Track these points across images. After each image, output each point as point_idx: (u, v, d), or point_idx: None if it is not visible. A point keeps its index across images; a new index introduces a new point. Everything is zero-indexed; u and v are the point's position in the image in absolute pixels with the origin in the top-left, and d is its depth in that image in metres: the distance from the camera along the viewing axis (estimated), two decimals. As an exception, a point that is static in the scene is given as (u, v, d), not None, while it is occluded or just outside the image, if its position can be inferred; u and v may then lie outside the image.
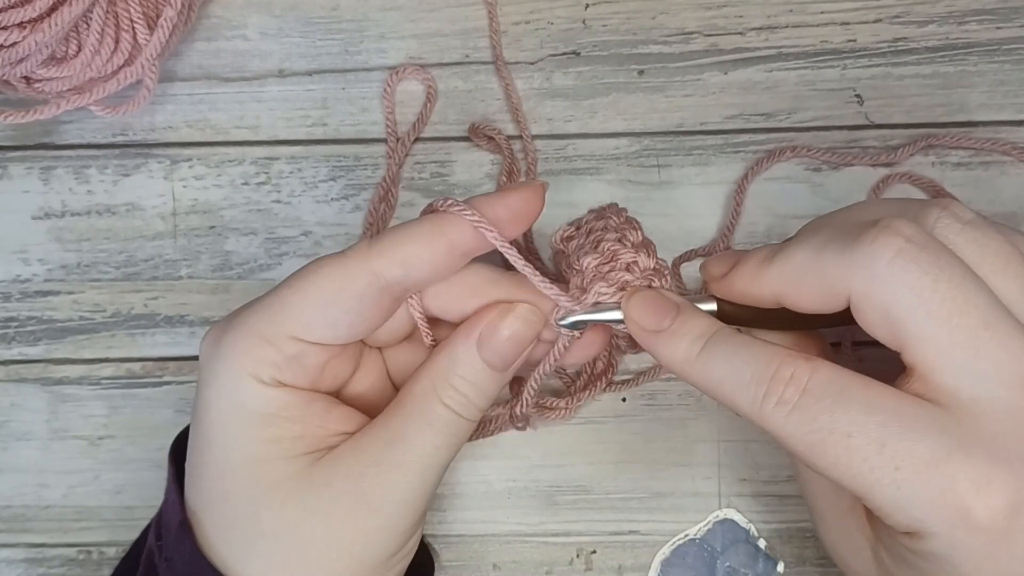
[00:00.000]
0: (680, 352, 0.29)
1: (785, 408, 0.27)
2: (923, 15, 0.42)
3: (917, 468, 0.25)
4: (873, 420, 0.26)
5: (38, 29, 0.37)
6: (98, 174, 0.43)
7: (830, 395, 0.27)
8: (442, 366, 0.31)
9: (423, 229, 0.30)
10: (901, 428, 0.26)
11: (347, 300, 0.30)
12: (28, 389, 0.42)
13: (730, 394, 0.28)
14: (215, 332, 0.31)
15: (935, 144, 0.41)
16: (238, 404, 0.30)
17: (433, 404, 0.31)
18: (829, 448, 0.26)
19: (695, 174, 0.42)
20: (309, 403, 0.31)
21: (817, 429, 0.26)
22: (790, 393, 0.27)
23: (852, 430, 0.26)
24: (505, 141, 0.42)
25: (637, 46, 0.43)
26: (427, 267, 0.30)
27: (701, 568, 0.40)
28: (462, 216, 0.30)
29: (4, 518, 0.41)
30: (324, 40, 0.43)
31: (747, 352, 0.28)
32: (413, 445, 0.30)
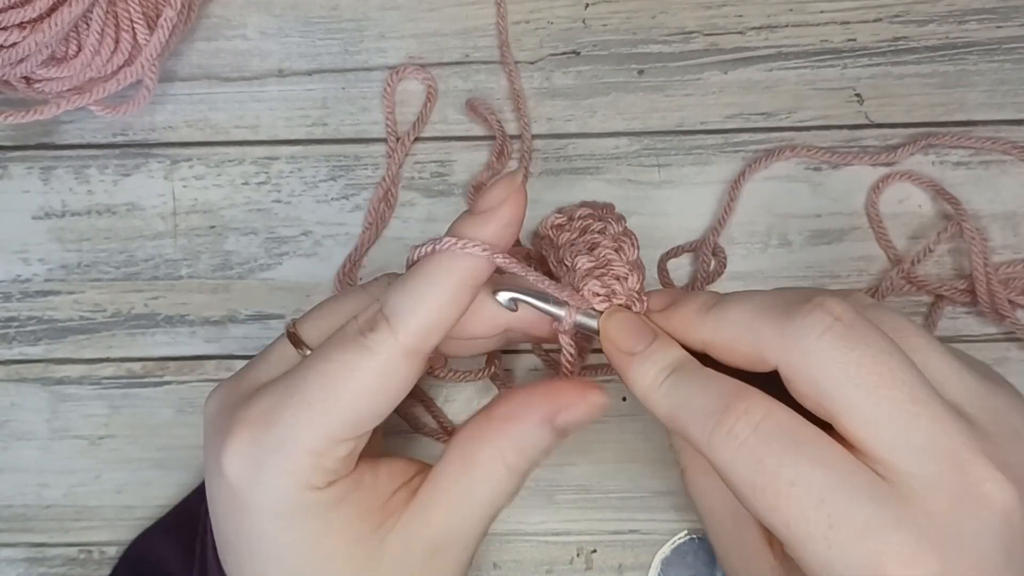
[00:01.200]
0: (647, 378, 0.30)
1: (734, 442, 0.27)
2: (923, 14, 0.42)
3: (850, 532, 0.26)
4: (818, 474, 0.26)
5: (38, 29, 0.37)
6: (98, 174, 0.43)
7: (780, 439, 0.27)
8: (513, 438, 0.31)
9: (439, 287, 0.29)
10: (843, 489, 0.26)
11: (391, 391, 0.29)
12: (28, 389, 0.42)
13: (683, 423, 0.29)
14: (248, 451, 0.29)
15: (935, 143, 0.41)
16: (298, 514, 0.29)
17: (500, 471, 0.31)
18: (770, 493, 0.26)
19: (695, 173, 0.42)
20: (359, 484, 0.30)
21: (762, 471, 0.26)
22: (740, 427, 0.27)
23: (796, 479, 0.26)
24: (496, 121, 0.42)
25: (637, 45, 0.43)
26: (451, 319, 0.29)
27: (701, 567, 0.40)
28: (466, 252, 0.28)
29: (5, 517, 0.41)
30: (324, 40, 0.43)
31: (707, 383, 0.29)
32: (481, 512, 0.31)
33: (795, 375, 0.28)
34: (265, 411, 0.29)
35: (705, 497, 0.33)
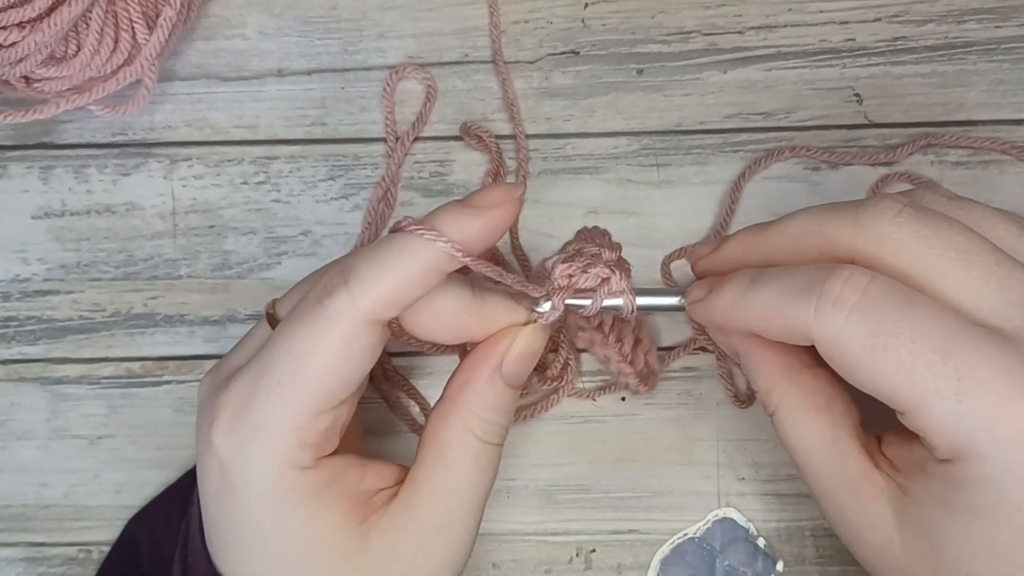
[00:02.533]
0: (727, 297, 0.30)
1: (844, 308, 0.26)
2: (922, 14, 0.42)
3: (979, 382, 0.25)
4: (939, 328, 0.26)
5: (37, 29, 0.37)
6: (97, 173, 0.43)
7: (894, 299, 0.26)
8: (470, 403, 0.31)
9: (399, 261, 0.28)
10: (967, 341, 0.25)
11: (355, 358, 0.29)
12: (28, 388, 0.42)
13: (782, 313, 0.28)
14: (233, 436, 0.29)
15: (934, 143, 0.41)
16: (286, 496, 0.29)
17: (471, 443, 0.31)
18: (891, 352, 0.26)
19: (694, 173, 0.42)
20: (346, 472, 0.31)
21: (880, 332, 0.26)
22: (849, 294, 0.26)
23: (917, 335, 0.26)
24: (494, 142, 0.42)
25: (636, 45, 0.43)
26: (413, 296, 0.29)
27: (700, 567, 0.40)
28: (429, 240, 0.28)
29: (4, 517, 0.41)
30: (323, 39, 0.43)
31: (793, 271, 0.28)
32: (464, 493, 0.31)
33: (876, 261, 0.27)
34: (241, 394, 0.29)
35: (802, 432, 0.30)
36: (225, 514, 0.30)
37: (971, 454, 0.26)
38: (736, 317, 0.30)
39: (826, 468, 0.30)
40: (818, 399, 0.31)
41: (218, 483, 0.30)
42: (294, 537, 0.29)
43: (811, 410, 0.30)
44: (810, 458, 0.31)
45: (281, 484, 0.29)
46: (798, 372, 0.31)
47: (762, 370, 0.32)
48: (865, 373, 0.27)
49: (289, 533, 0.29)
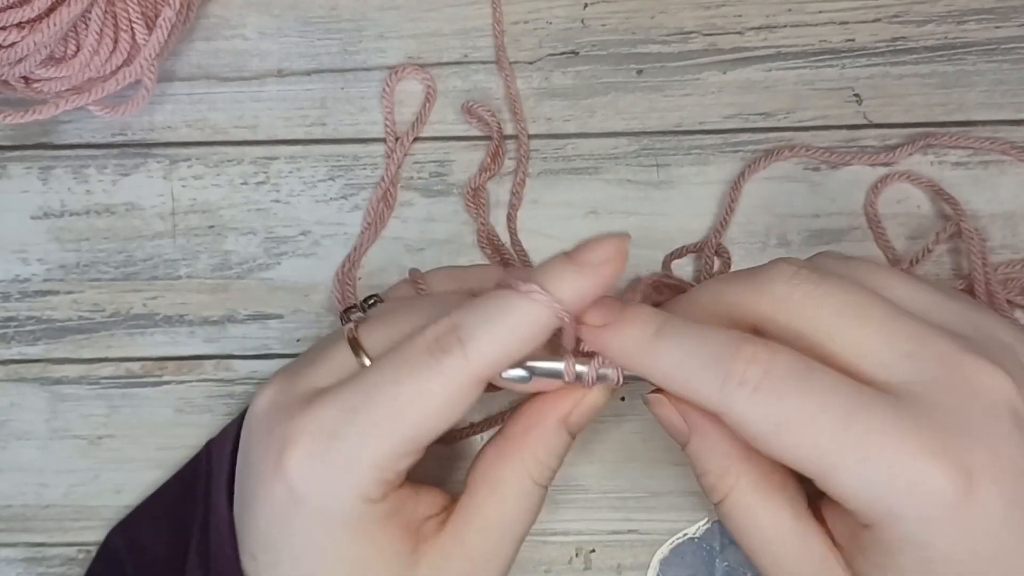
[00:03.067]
0: (632, 338, 0.29)
1: (747, 389, 0.27)
2: (922, 14, 0.42)
3: (880, 446, 0.26)
4: (838, 401, 0.26)
5: (37, 29, 0.37)
6: (97, 174, 0.43)
7: (793, 376, 0.27)
8: (534, 446, 0.31)
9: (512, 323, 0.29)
10: (862, 408, 0.26)
11: (457, 411, 0.29)
12: (27, 389, 0.42)
13: (686, 380, 0.28)
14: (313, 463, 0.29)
15: (934, 143, 0.41)
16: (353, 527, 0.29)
17: (526, 484, 0.31)
18: (794, 429, 0.26)
19: (694, 173, 0.42)
20: (404, 503, 0.31)
21: (782, 410, 0.26)
22: (752, 373, 0.27)
23: (818, 410, 0.26)
24: (495, 122, 0.42)
25: (636, 45, 0.43)
26: (522, 355, 0.30)
27: (700, 567, 0.40)
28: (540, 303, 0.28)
29: (3, 517, 0.41)
30: (323, 40, 0.43)
31: (702, 334, 0.28)
32: (511, 530, 0.31)
33: (775, 324, 0.29)
34: (329, 425, 0.29)
35: (762, 514, 0.29)
36: (287, 536, 0.30)
37: (887, 515, 0.26)
38: (636, 365, 0.29)
39: (789, 551, 0.29)
40: (774, 481, 0.30)
41: (284, 506, 0.30)
42: (348, 563, 0.30)
43: (770, 490, 0.29)
44: (771, 541, 0.30)
45: (352, 515, 0.29)
46: (753, 454, 0.29)
47: (718, 450, 0.30)
48: (772, 448, 0.27)
49: (345, 558, 0.30)
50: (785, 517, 0.29)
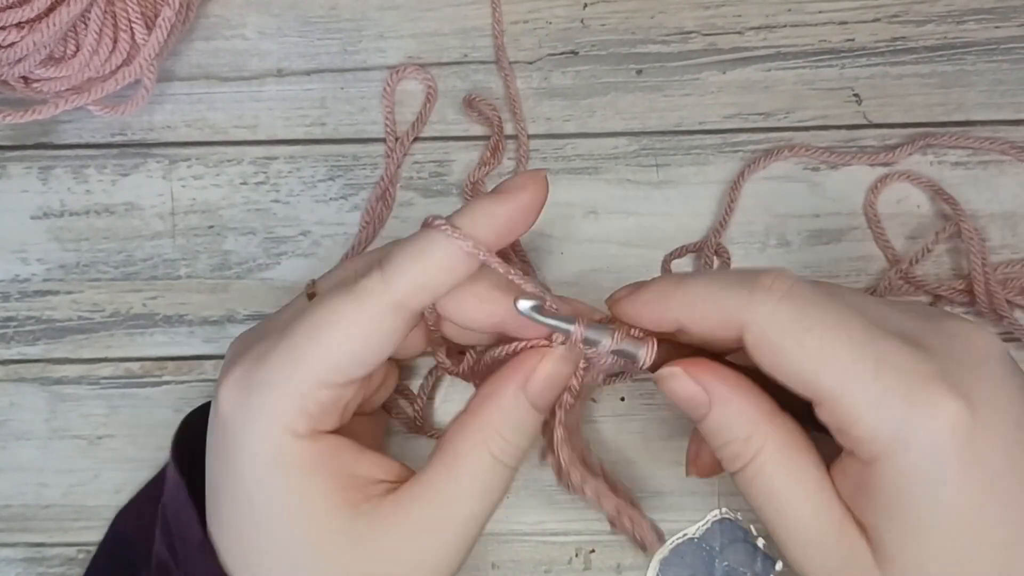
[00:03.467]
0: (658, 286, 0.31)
1: (775, 295, 0.28)
2: (921, 14, 0.42)
3: (894, 366, 0.27)
4: (857, 320, 0.28)
5: (36, 29, 0.37)
6: (97, 174, 0.43)
7: (816, 292, 0.28)
8: (491, 417, 0.31)
9: (436, 249, 0.29)
10: (880, 334, 0.28)
11: (375, 339, 0.30)
12: (27, 389, 0.42)
13: (715, 298, 0.29)
14: (240, 385, 0.30)
15: (933, 143, 0.41)
16: (275, 461, 0.29)
17: (484, 459, 0.31)
18: (816, 335, 0.27)
19: (693, 173, 0.42)
20: (340, 452, 0.31)
21: (806, 317, 0.27)
22: (779, 283, 0.28)
23: (839, 323, 0.27)
24: (496, 116, 0.42)
25: (635, 45, 0.43)
26: (444, 286, 0.30)
27: (699, 567, 0.40)
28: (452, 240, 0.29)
29: (3, 517, 0.41)
30: (323, 39, 0.43)
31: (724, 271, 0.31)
32: (462, 505, 0.30)
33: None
34: (259, 352, 0.30)
35: (785, 476, 0.29)
36: (224, 473, 0.30)
37: (896, 442, 0.27)
38: (665, 306, 0.30)
39: (813, 512, 0.29)
40: (799, 440, 0.30)
41: (220, 440, 0.30)
42: (280, 503, 0.30)
43: (796, 451, 0.29)
44: (793, 503, 0.29)
45: (273, 446, 0.29)
46: (777, 415, 0.30)
47: (744, 414, 0.30)
48: (789, 359, 0.28)
49: (276, 499, 0.30)
50: (810, 478, 0.29)
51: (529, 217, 0.31)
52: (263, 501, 0.30)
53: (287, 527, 0.30)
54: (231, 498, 0.30)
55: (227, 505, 0.31)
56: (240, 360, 0.31)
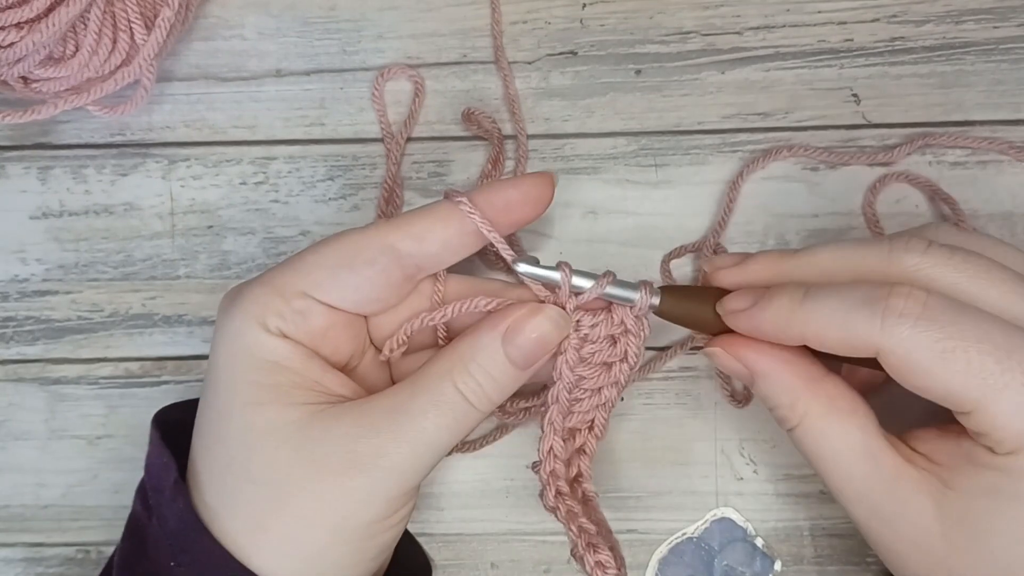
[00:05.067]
0: (783, 306, 0.31)
1: (910, 319, 0.28)
2: (920, 14, 0.42)
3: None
4: (998, 331, 0.28)
5: (36, 29, 0.37)
6: (96, 174, 0.43)
7: (952, 309, 0.28)
8: (462, 352, 0.32)
9: (437, 210, 0.32)
10: (1021, 339, 0.28)
11: (359, 264, 0.31)
12: (26, 389, 0.42)
13: (844, 325, 0.29)
14: (235, 288, 0.33)
15: (932, 143, 0.41)
16: (242, 348, 0.31)
17: (445, 385, 0.31)
18: (960, 354, 0.27)
19: (692, 173, 0.42)
20: (309, 358, 0.32)
21: (947, 337, 0.28)
22: (911, 306, 0.28)
23: (982, 337, 0.28)
24: (495, 128, 0.42)
25: (634, 46, 0.43)
26: (438, 243, 0.32)
27: (699, 566, 0.40)
28: (465, 213, 0.32)
29: (3, 517, 0.41)
30: (322, 40, 0.43)
31: (849, 287, 0.30)
32: (414, 418, 0.31)
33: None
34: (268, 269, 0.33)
35: (831, 437, 0.31)
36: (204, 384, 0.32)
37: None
38: (791, 328, 0.31)
39: (858, 470, 0.31)
40: (843, 404, 0.31)
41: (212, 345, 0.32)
42: (238, 392, 0.31)
43: (838, 415, 0.31)
44: (841, 462, 0.31)
45: (243, 336, 0.31)
46: (820, 381, 0.32)
47: (784, 384, 0.32)
48: (935, 378, 0.28)
49: (234, 386, 0.31)
50: (855, 437, 0.31)
51: (536, 207, 0.33)
52: (223, 388, 0.31)
53: (239, 413, 0.31)
54: (204, 394, 0.32)
55: (201, 402, 0.32)
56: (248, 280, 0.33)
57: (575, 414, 0.34)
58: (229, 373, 0.31)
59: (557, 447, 0.34)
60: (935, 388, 0.28)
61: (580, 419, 0.35)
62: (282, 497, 0.30)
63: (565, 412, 0.34)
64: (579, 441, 0.35)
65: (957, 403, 0.28)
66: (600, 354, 0.34)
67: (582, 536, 0.33)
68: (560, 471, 0.34)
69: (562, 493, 0.34)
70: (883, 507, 0.30)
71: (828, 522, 0.40)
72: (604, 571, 0.32)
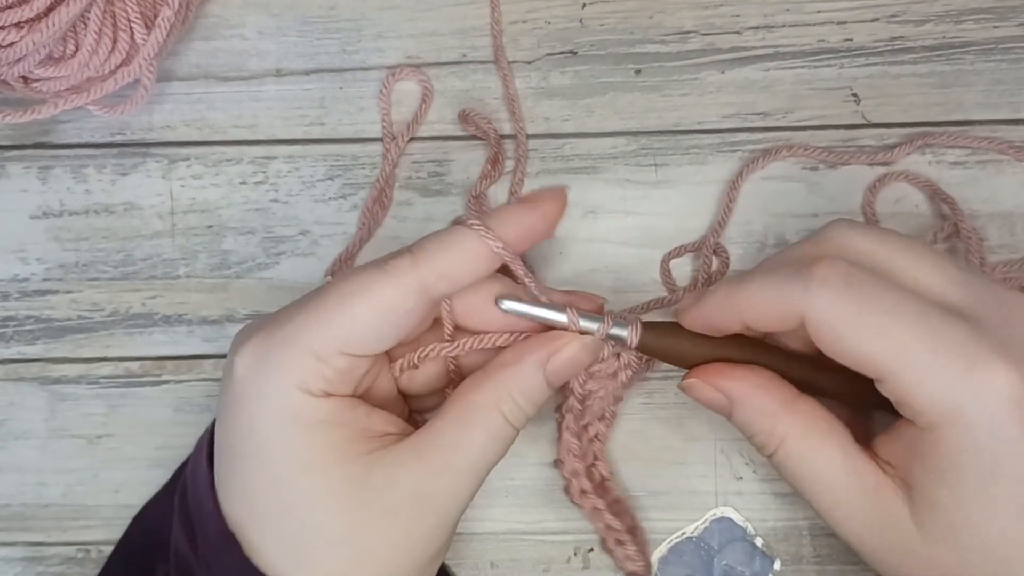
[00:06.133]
0: (722, 291, 0.32)
1: (831, 286, 0.29)
2: (920, 14, 0.42)
3: (949, 341, 0.28)
4: (913, 302, 0.29)
5: (36, 29, 0.37)
6: (96, 173, 0.43)
7: (871, 279, 0.30)
8: (508, 381, 0.33)
9: (465, 243, 0.32)
10: (934, 311, 0.29)
11: (398, 316, 0.31)
12: (26, 388, 0.42)
13: (774, 294, 0.31)
14: (257, 347, 0.31)
15: (932, 143, 0.41)
16: (290, 416, 0.30)
17: (494, 415, 0.32)
18: (875, 320, 0.29)
19: (692, 173, 0.42)
20: (354, 408, 0.32)
21: (864, 303, 0.29)
22: (833, 275, 0.30)
23: (896, 305, 0.29)
24: (492, 129, 0.42)
25: (634, 45, 0.43)
26: (469, 279, 0.32)
27: (698, 566, 0.40)
28: (484, 239, 0.32)
29: (3, 517, 0.41)
30: (322, 39, 0.43)
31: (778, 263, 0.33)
32: (471, 452, 0.32)
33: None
34: (280, 319, 0.32)
35: (813, 458, 0.32)
36: (233, 430, 0.31)
37: (953, 413, 0.28)
38: (731, 309, 0.32)
39: (843, 487, 0.31)
40: (820, 424, 0.32)
41: (231, 398, 0.31)
42: (294, 455, 0.30)
43: (817, 436, 0.32)
44: (825, 482, 0.32)
45: (288, 402, 0.30)
46: (794, 402, 0.33)
47: (760, 408, 0.33)
48: (851, 343, 0.29)
49: (290, 452, 0.30)
50: (835, 457, 0.32)
51: (549, 227, 0.34)
52: (277, 455, 0.31)
53: (301, 479, 0.30)
54: (243, 458, 0.31)
55: (238, 467, 0.31)
56: (258, 331, 0.32)
57: (587, 413, 0.38)
58: (279, 441, 0.31)
59: (574, 447, 0.38)
60: (852, 354, 0.30)
61: (591, 416, 0.38)
62: (364, 552, 0.31)
63: (579, 417, 0.38)
64: (593, 431, 0.39)
65: (872, 370, 0.30)
66: (607, 368, 0.36)
67: (610, 533, 0.37)
68: (580, 469, 0.38)
69: (586, 491, 0.37)
70: (871, 520, 0.31)
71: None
72: (634, 563, 0.37)
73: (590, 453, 0.39)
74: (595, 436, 0.39)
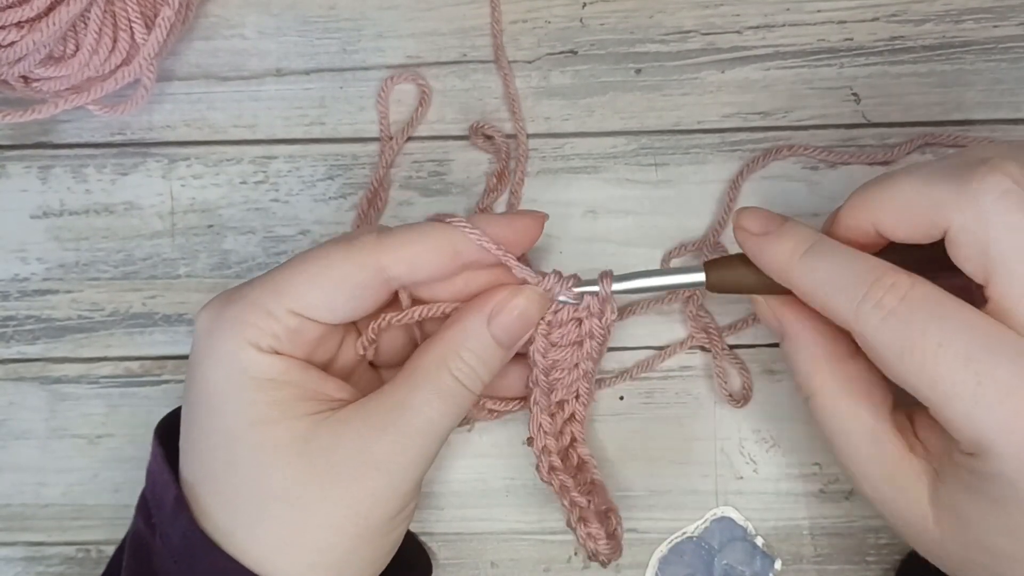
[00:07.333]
0: (784, 252, 0.31)
1: (882, 312, 0.28)
2: (920, 14, 0.42)
3: (996, 389, 0.27)
4: (963, 336, 0.28)
5: (36, 28, 0.37)
6: (96, 173, 0.43)
7: (927, 307, 0.28)
8: (454, 339, 0.33)
9: (433, 234, 0.32)
10: (988, 348, 0.27)
11: (351, 288, 0.32)
12: (27, 388, 0.42)
13: (827, 297, 0.30)
14: (215, 306, 0.32)
15: (932, 143, 0.41)
16: (239, 371, 0.31)
17: (442, 374, 0.32)
18: (918, 354, 0.28)
19: (692, 173, 0.42)
20: (305, 370, 0.32)
21: (909, 335, 0.28)
22: (889, 299, 0.29)
23: (943, 341, 0.28)
24: (504, 143, 0.42)
25: (634, 45, 0.43)
26: (430, 270, 0.32)
27: (699, 566, 0.40)
28: (466, 233, 0.32)
29: (3, 516, 0.41)
30: (322, 39, 0.43)
31: (849, 258, 0.30)
32: (420, 412, 0.32)
33: (963, 236, 0.29)
34: (243, 284, 0.33)
35: (841, 418, 0.32)
36: (189, 391, 0.32)
37: (988, 452, 0.27)
38: (782, 275, 0.32)
39: (863, 452, 0.32)
40: (858, 387, 0.32)
41: (192, 360, 0.32)
42: (243, 412, 0.31)
43: (850, 397, 0.32)
44: (848, 442, 0.32)
45: (238, 357, 0.31)
46: (841, 360, 0.32)
47: (806, 353, 0.33)
48: (895, 373, 0.29)
49: (239, 407, 0.31)
50: (863, 420, 0.32)
51: (522, 240, 0.34)
52: (227, 409, 0.31)
53: (248, 433, 0.31)
54: (198, 416, 0.32)
55: (195, 426, 0.32)
56: (219, 296, 0.33)
57: (558, 389, 0.37)
58: (228, 395, 0.31)
59: (545, 423, 0.36)
60: (898, 379, 0.29)
61: (566, 392, 0.37)
62: (307, 509, 0.31)
63: (547, 391, 0.36)
64: (568, 410, 0.37)
65: (916, 397, 0.29)
66: (568, 335, 0.36)
67: (574, 509, 0.36)
68: (552, 446, 0.37)
69: (555, 468, 0.36)
70: (883, 489, 0.31)
71: (828, 521, 0.40)
72: (595, 543, 0.35)
73: (568, 433, 0.38)
74: (571, 416, 0.38)
